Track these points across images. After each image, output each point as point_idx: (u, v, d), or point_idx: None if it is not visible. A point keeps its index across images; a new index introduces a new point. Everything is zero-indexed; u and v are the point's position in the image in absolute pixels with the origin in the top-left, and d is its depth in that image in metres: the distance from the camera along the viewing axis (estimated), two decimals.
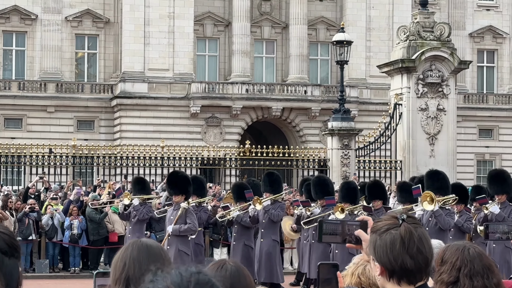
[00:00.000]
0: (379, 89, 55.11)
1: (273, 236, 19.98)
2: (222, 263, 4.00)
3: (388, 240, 3.82)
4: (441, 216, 17.35)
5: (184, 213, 17.90)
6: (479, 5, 60.88)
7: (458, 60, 32.34)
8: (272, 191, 19.97)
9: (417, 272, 3.83)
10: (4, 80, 54.16)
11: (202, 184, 20.95)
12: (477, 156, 58.24)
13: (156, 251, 3.80)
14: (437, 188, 17.84)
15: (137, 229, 20.29)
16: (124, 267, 3.73)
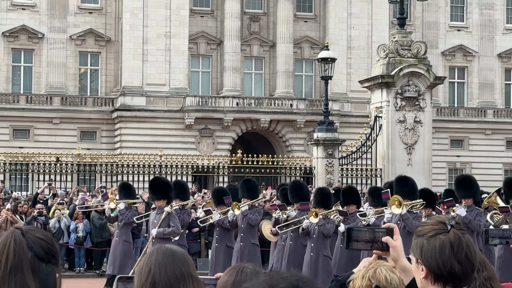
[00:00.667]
0: (359, 103, 55.17)
1: (252, 240, 19.43)
2: (242, 267, 3.85)
3: (437, 244, 3.69)
4: (408, 220, 16.95)
5: (167, 216, 17.54)
6: (451, 26, 61.01)
7: (434, 76, 32.30)
8: (249, 197, 19.49)
9: (463, 277, 3.70)
10: (13, 94, 53.94)
11: (184, 188, 20.36)
12: (449, 165, 58.30)
13: (181, 256, 3.63)
14: (405, 193, 17.47)
15: (124, 232, 19.88)
16: (150, 272, 3.55)
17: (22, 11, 54.44)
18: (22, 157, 35.83)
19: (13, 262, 3.22)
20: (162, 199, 17.79)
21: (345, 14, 56.91)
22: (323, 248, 17.99)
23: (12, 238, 3.26)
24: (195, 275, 3.63)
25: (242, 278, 3.77)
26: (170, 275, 3.53)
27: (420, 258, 3.74)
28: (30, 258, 3.26)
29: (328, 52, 36.13)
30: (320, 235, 17.85)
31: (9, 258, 3.22)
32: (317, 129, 34.69)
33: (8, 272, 3.21)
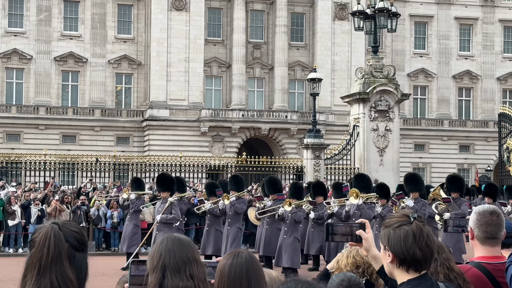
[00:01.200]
0: (340, 114, 54.99)
1: (237, 224, 19.45)
2: (237, 252, 3.70)
3: (402, 234, 3.55)
4: (363, 209, 17.01)
5: (170, 205, 17.58)
6: (415, 53, 60.84)
7: (401, 93, 32.11)
8: (236, 190, 19.57)
9: (424, 262, 3.56)
10: (62, 107, 53.82)
11: (182, 183, 20.44)
12: (413, 165, 58.06)
13: (187, 243, 3.50)
14: (362, 187, 17.58)
15: (134, 217, 20.01)
16: (161, 257, 3.42)
17: (70, 40, 54.34)
18: (69, 158, 35.71)
19: (54, 253, 3.13)
20: (166, 191, 17.84)
21: (329, 43, 56.79)
22: (294, 231, 17.97)
23: (51, 233, 3.16)
24: (199, 259, 3.51)
25: (238, 262, 3.63)
26: (178, 259, 3.41)
27: (387, 245, 3.59)
28: (67, 249, 3.16)
29: (316, 73, 36.00)
30: (292, 220, 17.86)
31: (50, 250, 3.13)
32: (307, 136, 34.59)
33: (49, 262, 3.12)
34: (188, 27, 54.08)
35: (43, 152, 34.81)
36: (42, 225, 3.23)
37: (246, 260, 3.65)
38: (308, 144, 33.71)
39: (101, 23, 54.65)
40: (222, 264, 3.63)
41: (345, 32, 56.80)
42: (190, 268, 3.40)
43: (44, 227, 3.19)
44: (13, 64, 53.39)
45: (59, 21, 54.06)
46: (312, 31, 57.60)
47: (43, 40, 53.63)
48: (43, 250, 3.12)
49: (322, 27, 56.78)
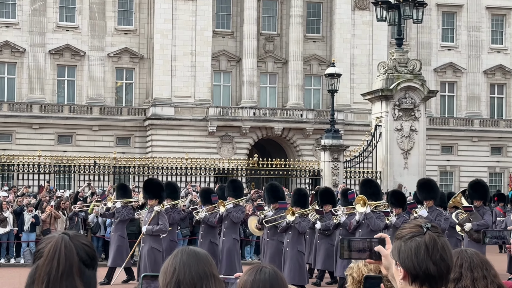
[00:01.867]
0: (361, 113, 54.90)
1: (234, 235, 18.96)
2: (260, 267, 3.64)
3: (413, 246, 3.42)
4: (372, 219, 16.65)
5: (156, 215, 17.05)
6: (442, 46, 60.66)
7: (427, 90, 32.04)
8: (234, 196, 19.01)
9: (439, 278, 3.42)
10: (58, 104, 53.97)
11: (175, 189, 20.14)
12: (440, 168, 57.91)
13: (204, 257, 3.43)
14: (370, 194, 17.21)
15: (119, 228, 19.50)
16: (175, 272, 3.34)
17: (67, 32, 54.48)
18: (65, 160, 35.80)
19: (64, 267, 3.03)
20: (154, 199, 17.27)
21: (349, 35, 56.70)
22: (298, 244, 17.59)
23: (62, 244, 3.07)
24: (217, 274, 3.44)
25: (261, 278, 3.56)
26: (194, 274, 3.34)
27: (398, 259, 3.47)
28: (78, 263, 3.07)
29: (334, 68, 35.97)
30: (295, 232, 17.46)
31: (60, 263, 3.03)
32: (324, 136, 34.54)
33: (60, 276, 3.02)
34: (194, 18, 54.12)
35: (37, 153, 34.91)
36: (50, 235, 3.15)
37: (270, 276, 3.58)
38: (326, 145, 33.64)
39: (100, 13, 54.77)
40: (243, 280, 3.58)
41: (366, 23, 56.68)
42: (207, 284, 3.35)
43: (53, 237, 3.10)
44: (5, 57, 53.58)
45: (54, 11, 54.22)
46: (330, 22, 57.52)
47: (37, 31, 53.79)
48: (53, 263, 3.02)
49: (340, 18, 56.68)
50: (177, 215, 19.54)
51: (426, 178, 19.71)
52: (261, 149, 55.36)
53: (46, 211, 24.46)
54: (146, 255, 16.77)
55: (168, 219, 18.42)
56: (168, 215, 18.55)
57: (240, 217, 19.05)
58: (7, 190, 29.37)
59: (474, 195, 17.84)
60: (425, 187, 17.74)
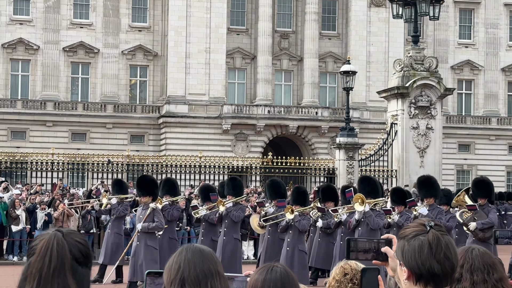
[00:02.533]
0: (376, 111, 54.77)
1: (235, 235, 18.50)
2: (271, 266, 3.61)
3: (416, 245, 3.38)
4: (371, 217, 16.31)
5: (152, 212, 16.73)
6: (459, 43, 60.40)
7: (444, 87, 31.90)
8: (234, 194, 18.69)
9: (443, 277, 3.37)
10: (72, 102, 54.17)
11: (174, 185, 19.65)
12: (457, 167, 57.68)
13: (208, 254, 3.41)
14: (368, 192, 16.85)
15: (115, 225, 19.18)
16: (179, 269, 3.33)
17: (80, 29, 54.64)
18: (79, 157, 35.88)
19: (56, 264, 3.01)
20: (147, 196, 16.95)
21: (365, 33, 56.57)
22: (299, 243, 17.27)
23: (55, 241, 3.05)
24: (222, 272, 3.42)
25: (272, 277, 3.53)
26: (199, 272, 3.32)
27: (401, 259, 3.43)
28: (70, 261, 3.05)
29: (349, 66, 35.85)
30: (296, 230, 17.14)
31: (52, 260, 3.01)
32: (340, 135, 34.45)
33: (51, 273, 3.00)
34: (209, 15, 54.13)
35: (50, 151, 35.00)
36: (44, 232, 3.15)
37: (282, 275, 3.55)
38: (341, 143, 33.56)
39: (114, 10, 54.89)
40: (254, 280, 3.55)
41: (382, 20, 56.52)
42: (212, 282, 3.32)
43: (46, 234, 3.09)
44: (19, 55, 53.80)
45: (68, 8, 54.38)
46: (346, 19, 57.39)
47: (51, 28, 53.98)
48: (44, 260, 3.01)
49: (356, 15, 56.54)
50: (176, 212, 19.16)
51: (426, 175, 19.34)
52: (276, 147, 55.31)
53: (59, 209, 24.53)
54: (142, 253, 16.44)
55: (167, 216, 18.22)
56: (167, 212, 18.32)
57: (241, 216, 18.67)
58: (20, 188, 29.48)
59: (478, 193, 17.44)
60: (425, 185, 17.50)
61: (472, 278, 4.04)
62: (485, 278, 4.05)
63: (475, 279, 4.05)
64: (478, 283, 4.04)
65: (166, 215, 18.21)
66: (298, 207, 17.41)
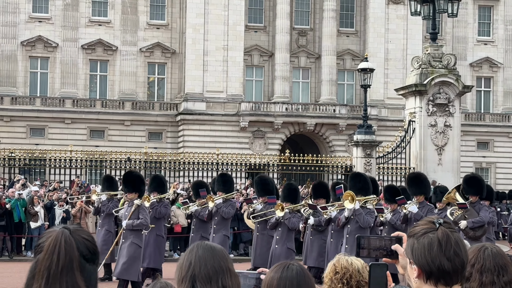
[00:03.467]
0: (394, 109, 54.61)
1: (224, 231, 18.22)
2: (287, 264, 3.60)
3: (426, 242, 3.36)
4: (361, 215, 15.73)
5: (137, 209, 16.41)
6: (478, 40, 60.10)
7: (462, 85, 31.71)
8: (224, 191, 18.36)
9: (454, 274, 3.36)
10: (90, 99, 54.38)
11: (162, 182, 19.35)
12: (476, 165, 57.36)
13: (219, 251, 3.42)
14: (358, 189, 16.21)
15: (106, 222, 18.78)
16: (190, 266, 3.35)
17: (99, 26, 54.85)
18: (97, 154, 36.02)
19: (64, 262, 3.01)
20: (133, 192, 16.60)
21: (383, 30, 56.40)
22: (288, 241, 16.83)
23: (62, 238, 3.04)
24: (233, 269, 3.43)
25: (288, 275, 3.53)
26: (210, 269, 3.34)
27: (411, 257, 3.42)
28: (78, 258, 3.05)
29: (367, 63, 35.74)
30: (285, 228, 16.72)
31: (60, 258, 3.00)
32: (357, 132, 34.38)
33: (59, 271, 3.00)
34: (227, 12, 54.16)
35: (69, 148, 35.17)
36: (51, 229, 3.13)
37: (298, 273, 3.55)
38: (358, 141, 33.49)
39: (132, 8, 55.05)
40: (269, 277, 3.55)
41: (400, 17, 56.33)
42: (222, 279, 3.34)
43: (53, 231, 3.08)
44: (38, 52, 54.10)
45: (87, 6, 54.61)
46: (364, 16, 57.24)
47: (70, 26, 54.22)
48: (52, 257, 3.00)
49: (374, 12, 56.38)
50: (164, 209, 18.71)
51: (416, 172, 18.86)
52: (293, 145, 55.27)
53: (77, 206, 24.64)
54: (126, 250, 16.15)
55: (154, 213, 18.03)
56: (154, 209, 18.08)
57: (230, 212, 18.24)
58: (39, 185, 29.65)
59: (469, 190, 16.95)
60: (415, 181, 17.02)
61: (481, 279, 4.02)
62: (494, 279, 4.02)
63: (484, 280, 4.02)
64: (486, 285, 4.01)
65: (153, 212, 17.99)
66: (289, 204, 16.92)
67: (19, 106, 52.70)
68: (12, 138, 49.11)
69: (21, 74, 53.82)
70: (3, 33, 53.37)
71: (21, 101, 52.94)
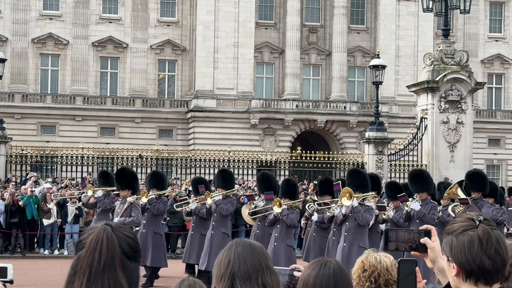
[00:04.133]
0: (405, 105, 54.51)
1: (223, 229, 17.62)
2: (325, 261, 3.56)
3: (466, 240, 3.29)
4: (359, 212, 15.04)
5: (129, 206, 16.34)
6: (490, 37, 59.89)
7: (475, 81, 31.61)
8: (224, 187, 17.87)
9: (495, 272, 3.28)
10: (100, 96, 54.46)
11: (161, 178, 18.70)
12: (487, 162, 57.20)
13: (259, 249, 3.38)
14: (356, 186, 15.47)
15: (101, 218, 18.10)
16: (229, 263, 3.32)
17: (109, 24, 54.90)
18: (108, 152, 36.05)
19: (106, 259, 2.98)
20: (126, 189, 16.48)
21: (393, 26, 56.26)
22: (286, 238, 16.23)
23: (104, 235, 3.02)
24: (272, 267, 3.39)
25: (325, 273, 3.49)
26: (249, 266, 3.30)
27: (450, 255, 3.34)
28: (120, 255, 3.02)
29: (379, 60, 35.68)
30: (283, 225, 16.12)
31: (102, 255, 2.98)
32: (369, 129, 34.32)
33: (101, 268, 2.97)
34: (237, 9, 54.12)
35: (79, 145, 35.22)
36: (93, 225, 3.11)
37: (335, 271, 3.52)
38: (370, 138, 33.44)
39: (142, 5, 55.08)
40: (306, 275, 3.51)
41: (411, 14, 56.19)
42: (262, 277, 3.30)
43: (95, 228, 3.06)
44: (48, 50, 54.20)
45: (97, 3, 54.66)
46: (374, 13, 57.11)
47: (80, 23, 54.30)
48: (94, 254, 2.98)
49: (385, 9, 56.25)
50: (162, 206, 18.35)
51: (418, 169, 18.25)
52: (304, 142, 55.21)
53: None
54: None
55: (153, 210, 17.78)
56: (153, 205, 17.81)
57: (230, 209, 17.54)
58: (51, 182, 29.69)
59: (472, 186, 16.55)
60: (418, 178, 16.33)
61: None
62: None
63: None
64: None
65: (152, 209, 17.78)
66: (287, 200, 16.29)
67: (30, 103, 52.81)
68: (23, 135, 49.21)
69: (32, 71, 53.94)
70: (14, 31, 53.49)
71: (32, 99, 53.06)
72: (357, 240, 14.96)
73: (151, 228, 17.69)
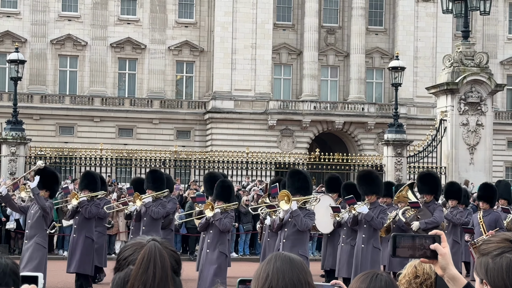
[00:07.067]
0: (424, 107, 54.29)
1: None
2: (375, 274, 3.45)
3: (504, 264, 3.14)
4: (298, 217, 13.69)
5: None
6: (509, 38, 59.51)
7: (495, 83, 31.43)
8: (154, 188, 16.92)
9: None
10: (119, 97, 54.59)
11: (94, 179, 17.29)
12: (506, 164, 56.84)
13: (298, 263, 3.24)
14: (297, 188, 14.19)
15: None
16: (267, 278, 3.18)
17: (128, 25, 55.02)
18: (126, 153, 36.11)
19: (161, 276, 2.95)
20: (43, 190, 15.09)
21: (412, 28, 56.04)
22: (220, 244, 14.64)
23: (157, 252, 2.97)
24: (312, 283, 3.25)
25: (376, 285, 3.40)
26: (288, 281, 3.16)
27: (485, 278, 3.18)
28: (171, 271, 2.98)
29: (398, 61, 35.51)
30: (216, 230, 14.58)
31: (156, 272, 2.94)
32: (387, 131, 34.18)
33: (156, 286, 2.93)
34: (255, 10, 54.10)
35: (97, 146, 35.28)
36: (135, 241, 3.06)
37: (386, 284, 3.43)
38: (389, 140, 33.29)
39: (161, 7, 55.17)
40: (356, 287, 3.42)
41: (430, 15, 55.94)
42: None
43: (140, 243, 3.01)
44: (67, 51, 54.40)
45: (116, 5, 54.81)
46: (393, 14, 56.90)
47: (99, 25, 54.46)
48: (148, 272, 2.92)
49: (404, 10, 56.03)
50: (95, 209, 16.82)
51: (367, 170, 17.54)
52: (322, 143, 55.09)
53: None
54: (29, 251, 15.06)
55: (84, 213, 16.61)
56: (84, 208, 16.57)
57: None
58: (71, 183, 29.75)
59: (424, 189, 15.68)
60: (366, 180, 15.30)
61: None
62: None
63: None
64: None
65: (83, 212, 16.60)
66: (221, 203, 14.70)
67: (49, 104, 53.02)
68: (42, 136, 49.38)
69: (51, 72, 54.15)
70: (33, 32, 53.72)
71: (50, 100, 53.27)
72: (296, 247, 13.55)
73: (83, 232, 16.65)
